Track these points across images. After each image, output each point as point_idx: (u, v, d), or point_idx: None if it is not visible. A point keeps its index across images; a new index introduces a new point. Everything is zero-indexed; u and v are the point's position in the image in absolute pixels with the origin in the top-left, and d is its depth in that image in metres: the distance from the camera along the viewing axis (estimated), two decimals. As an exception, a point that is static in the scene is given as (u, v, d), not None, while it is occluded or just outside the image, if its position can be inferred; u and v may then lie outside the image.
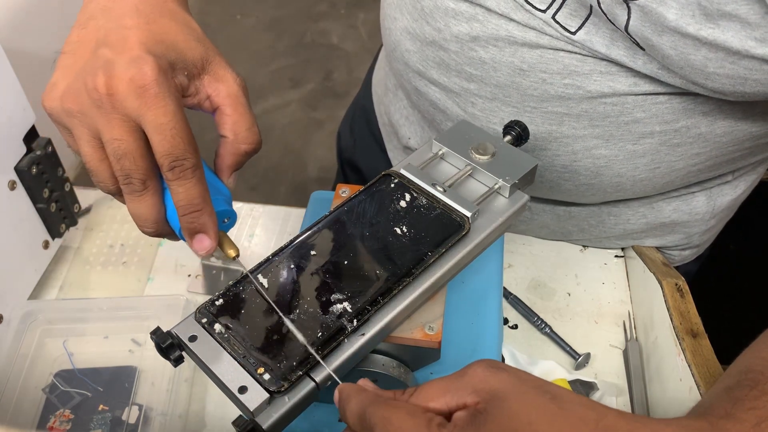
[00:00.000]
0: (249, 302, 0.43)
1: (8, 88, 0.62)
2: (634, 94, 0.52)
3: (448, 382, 0.37)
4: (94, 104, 0.41)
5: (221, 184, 0.46)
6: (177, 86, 0.42)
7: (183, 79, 0.43)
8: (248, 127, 0.45)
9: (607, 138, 0.56)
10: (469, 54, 0.56)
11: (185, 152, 0.41)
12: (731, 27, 0.43)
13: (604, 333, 0.68)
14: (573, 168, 0.59)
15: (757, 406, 0.37)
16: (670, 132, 0.54)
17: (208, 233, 0.43)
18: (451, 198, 0.48)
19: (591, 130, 0.56)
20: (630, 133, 0.55)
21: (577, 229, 0.72)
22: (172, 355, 0.41)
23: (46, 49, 2.06)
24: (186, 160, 0.41)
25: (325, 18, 2.59)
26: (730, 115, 0.53)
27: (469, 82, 0.58)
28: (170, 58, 0.42)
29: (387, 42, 0.65)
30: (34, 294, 0.71)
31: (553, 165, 0.60)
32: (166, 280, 0.74)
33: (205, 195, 0.42)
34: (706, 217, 0.69)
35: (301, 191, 1.98)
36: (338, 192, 0.54)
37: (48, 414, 0.62)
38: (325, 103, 2.27)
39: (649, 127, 0.54)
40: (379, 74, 0.81)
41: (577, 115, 0.55)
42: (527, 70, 0.54)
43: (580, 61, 0.52)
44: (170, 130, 0.40)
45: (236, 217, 0.47)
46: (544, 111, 0.56)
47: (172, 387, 0.62)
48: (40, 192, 0.67)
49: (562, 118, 0.56)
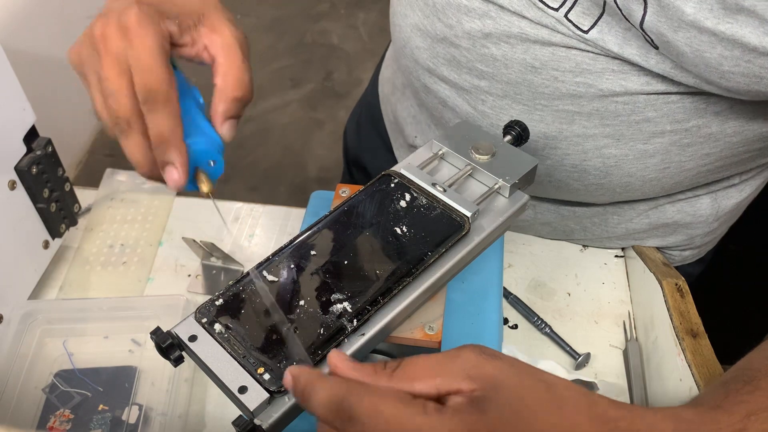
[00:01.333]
0: (249, 302, 0.43)
1: (8, 88, 0.62)
2: (646, 93, 0.52)
3: (437, 365, 0.36)
4: (94, 49, 0.45)
5: (211, 130, 0.48)
6: (162, 31, 0.45)
7: (172, 26, 0.46)
8: (237, 75, 0.47)
9: (618, 137, 0.56)
10: (480, 51, 0.56)
11: (158, 86, 0.43)
12: (749, 23, 0.42)
13: (604, 333, 0.68)
14: (582, 167, 0.59)
15: (748, 399, 0.37)
16: (680, 131, 0.54)
17: (177, 166, 0.45)
18: (451, 198, 0.48)
19: (602, 129, 0.56)
20: (641, 132, 0.55)
21: (579, 228, 0.72)
22: (172, 355, 0.41)
23: (46, 49, 2.06)
24: (158, 94, 0.43)
25: (326, 18, 2.59)
26: (741, 116, 0.53)
27: (480, 80, 0.58)
28: (163, 8, 0.46)
29: (396, 39, 0.65)
30: (34, 294, 0.71)
31: (563, 164, 0.60)
32: (166, 280, 0.74)
33: (175, 129, 0.44)
34: (709, 220, 0.68)
35: (301, 191, 1.98)
36: (338, 192, 0.54)
37: (48, 414, 0.62)
38: (325, 103, 2.27)
39: (660, 126, 0.54)
40: (386, 73, 0.81)
41: (588, 113, 0.55)
42: (539, 67, 0.54)
43: (592, 60, 0.52)
44: (146, 65, 0.43)
45: (222, 163, 0.49)
46: (555, 109, 0.56)
47: (172, 387, 0.62)
48: (40, 192, 0.67)
49: (573, 116, 0.56)
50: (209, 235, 0.76)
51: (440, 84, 0.62)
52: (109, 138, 0.47)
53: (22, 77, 0.63)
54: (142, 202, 0.81)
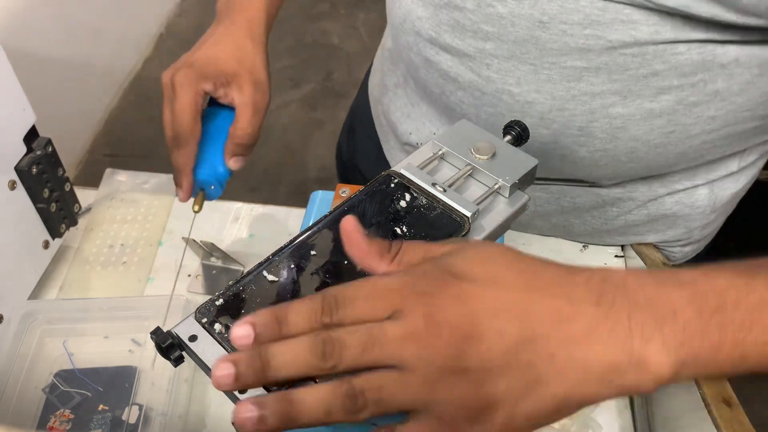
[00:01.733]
0: (249, 302, 0.43)
1: (8, 88, 0.62)
2: (654, 43, 0.52)
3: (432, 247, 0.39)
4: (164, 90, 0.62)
5: (221, 163, 0.63)
6: (198, 91, 0.60)
7: (208, 85, 0.61)
8: (245, 127, 0.62)
9: (625, 94, 0.56)
10: (486, 11, 0.56)
11: (182, 133, 0.60)
12: None
13: (604, 333, 0.68)
14: (589, 130, 0.59)
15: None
16: (687, 87, 0.55)
17: (182, 188, 0.62)
18: (451, 198, 0.48)
19: (609, 86, 0.56)
20: (648, 87, 0.55)
21: (579, 222, 0.72)
22: (172, 355, 0.41)
23: (46, 49, 2.07)
24: (181, 138, 0.60)
25: (326, 18, 2.59)
26: (746, 72, 0.53)
27: (485, 42, 0.58)
28: (205, 70, 0.61)
29: (395, 16, 0.65)
30: (34, 294, 0.71)
31: (569, 128, 0.60)
32: (166, 280, 0.74)
33: (186, 164, 0.61)
34: (707, 211, 0.69)
35: (301, 191, 1.99)
36: (338, 192, 0.54)
37: (48, 414, 0.62)
38: (325, 103, 2.27)
39: (668, 80, 0.54)
40: (375, 78, 0.82)
41: (597, 68, 0.55)
42: (547, 22, 0.54)
43: (601, 10, 0.52)
44: (178, 117, 0.60)
45: (219, 190, 0.65)
46: (562, 66, 0.56)
47: (172, 387, 0.62)
48: (40, 192, 0.67)
49: (581, 73, 0.56)
50: (209, 235, 0.77)
51: (442, 54, 0.61)
52: (109, 138, 0.48)
53: (22, 77, 0.64)
54: (142, 202, 0.81)
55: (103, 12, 2.11)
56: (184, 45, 0.75)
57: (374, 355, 0.34)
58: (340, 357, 0.34)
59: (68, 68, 1.95)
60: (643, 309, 0.35)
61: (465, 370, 0.34)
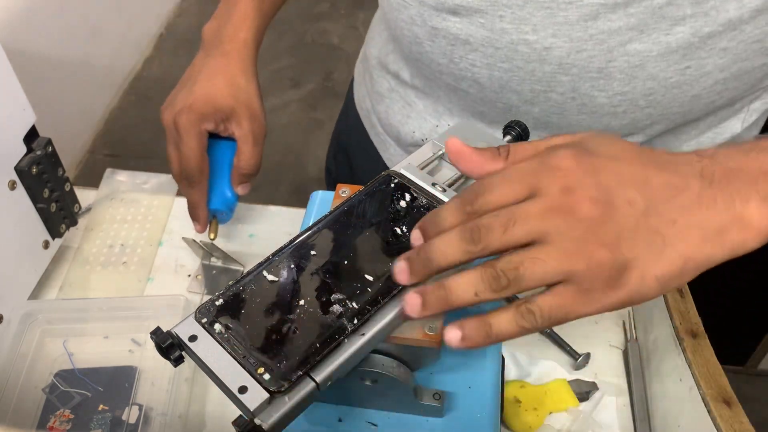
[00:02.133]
0: (249, 302, 0.43)
1: (8, 88, 0.62)
2: None
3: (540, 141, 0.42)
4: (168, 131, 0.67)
5: (229, 191, 0.70)
6: (201, 132, 0.66)
7: (210, 125, 0.66)
8: (248, 158, 0.69)
9: (642, 28, 0.56)
10: None
11: (192, 172, 0.66)
12: None
13: (604, 333, 0.68)
14: (608, 71, 0.59)
15: None
16: (700, 16, 0.55)
17: (199, 221, 0.70)
18: (450, 198, 0.48)
19: (626, 20, 0.56)
20: (663, 19, 0.56)
21: None
22: (172, 355, 0.41)
23: (46, 49, 2.06)
24: (192, 176, 0.67)
25: (326, 18, 2.59)
26: None
27: None
28: (203, 111, 0.66)
29: None
30: (34, 294, 0.71)
31: (588, 71, 0.59)
32: (166, 280, 0.74)
33: (199, 199, 0.68)
34: None
35: (301, 191, 1.99)
36: (338, 192, 0.54)
37: (48, 414, 0.62)
38: (325, 103, 2.27)
39: (682, 10, 0.55)
40: (361, 92, 0.83)
41: (614, 3, 0.55)
42: None
43: None
44: (186, 157, 0.66)
45: (229, 215, 0.72)
46: (579, 5, 0.56)
47: (172, 387, 0.62)
48: (40, 192, 0.67)
49: (598, 9, 0.56)
50: (209, 235, 0.76)
51: (450, 19, 0.61)
52: (109, 138, 0.48)
53: (22, 77, 0.64)
54: (142, 202, 0.81)
55: (103, 12, 2.11)
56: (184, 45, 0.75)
57: (518, 232, 0.38)
58: (488, 239, 0.38)
59: (68, 68, 1.95)
60: (737, 175, 0.39)
61: (602, 237, 0.37)
